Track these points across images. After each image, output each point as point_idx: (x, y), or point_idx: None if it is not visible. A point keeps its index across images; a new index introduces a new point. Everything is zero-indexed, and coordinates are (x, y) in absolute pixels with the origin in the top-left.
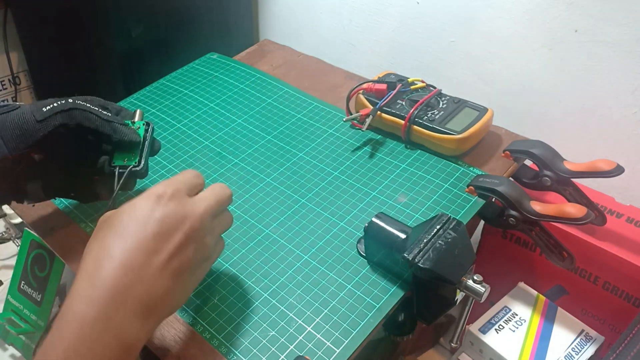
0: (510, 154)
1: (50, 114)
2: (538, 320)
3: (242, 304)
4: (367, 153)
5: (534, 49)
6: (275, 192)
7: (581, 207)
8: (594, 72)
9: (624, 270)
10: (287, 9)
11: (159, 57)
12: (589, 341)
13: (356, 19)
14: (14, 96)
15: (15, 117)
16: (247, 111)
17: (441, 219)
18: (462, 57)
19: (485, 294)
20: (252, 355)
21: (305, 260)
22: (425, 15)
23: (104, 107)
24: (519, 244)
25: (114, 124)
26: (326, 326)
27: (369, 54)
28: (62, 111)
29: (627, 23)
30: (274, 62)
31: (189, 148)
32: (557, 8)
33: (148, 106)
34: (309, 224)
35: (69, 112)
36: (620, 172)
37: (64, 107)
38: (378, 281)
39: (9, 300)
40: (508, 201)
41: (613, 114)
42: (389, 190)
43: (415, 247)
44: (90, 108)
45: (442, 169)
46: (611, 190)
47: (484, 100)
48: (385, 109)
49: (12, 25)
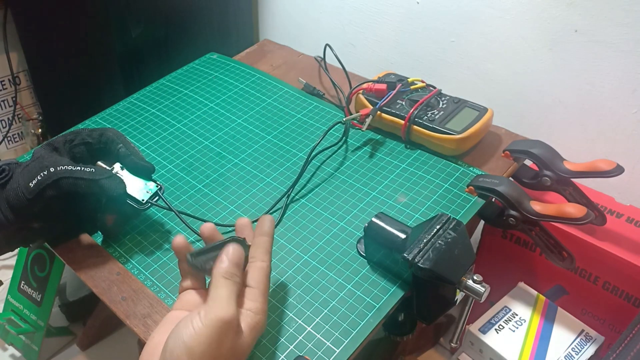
0: (510, 154)
1: (37, 189)
2: (538, 320)
3: None
4: (367, 153)
5: (534, 49)
6: (275, 192)
7: (581, 207)
8: (594, 72)
9: (624, 270)
10: (287, 9)
11: (159, 57)
12: (589, 341)
13: (356, 19)
14: (14, 96)
15: (8, 194)
16: (247, 111)
17: (441, 219)
18: (462, 57)
19: (485, 294)
20: (252, 355)
21: (305, 260)
22: (425, 15)
23: (90, 135)
24: (519, 244)
25: (100, 181)
26: (326, 326)
27: (369, 54)
28: (49, 185)
29: (627, 23)
30: (274, 62)
31: (189, 148)
32: (557, 8)
33: (148, 106)
34: (309, 224)
35: (56, 184)
36: (620, 172)
37: (49, 179)
38: (378, 281)
39: (9, 300)
40: (508, 201)
41: (613, 114)
42: (389, 190)
43: (415, 247)
44: (74, 172)
45: (442, 169)
46: (611, 190)
47: (484, 100)
48: (385, 109)
49: (12, 25)
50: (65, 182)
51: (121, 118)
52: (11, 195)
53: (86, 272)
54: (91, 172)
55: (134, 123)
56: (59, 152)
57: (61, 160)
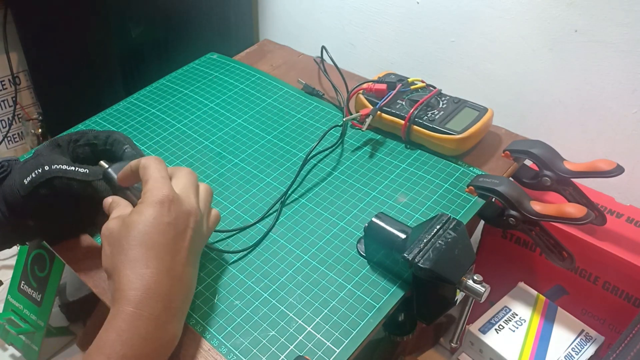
0: (510, 154)
1: (31, 187)
2: (538, 320)
3: (242, 304)
4: (367, 153)
5: (534, 49)
6: (275, 192)
7: (581, 207)
8: (594, 72)
9: (624, 270)
10: (287, 9)
11: (159, 57)
12: (589, 341)
13: (356, 19)
14: (14, 96)
15: (4, 190)
16: (247, 111)
17: (441, 219)
18: (462, 57)
19: (485, 294)
20: (252, 355)
21: (305, 260)
22: (425, 15)
23: (96, 137)
24: (519, 244)
25: (94, 183)
26: (326, 326)
27: (369, 54)
28: (42, 183)
29: (627, 23)
30: (274, 62)
31: (189, 148)
32: (557, 8)
33: (148, 106)
34: (308, 224)
35: (49, 183)
36: (620, 172)
37: (42, 177)
38: (378, 281)
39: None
40: (508, 201)
41: (613, 114)
42: (389, 190)
43: (415, 247)
44: (67, 172)
45: (442, 169)
46: (611, 190)
47: (484, 100)
48: (385, 109)
49: (12, 25)
50: (59, 182)
51: (121, 118)
52: (7, 192)
53: (86, 272)
54: (85, 173)
55: (134, 123)
56: (61, 150)
57: (58, 159)
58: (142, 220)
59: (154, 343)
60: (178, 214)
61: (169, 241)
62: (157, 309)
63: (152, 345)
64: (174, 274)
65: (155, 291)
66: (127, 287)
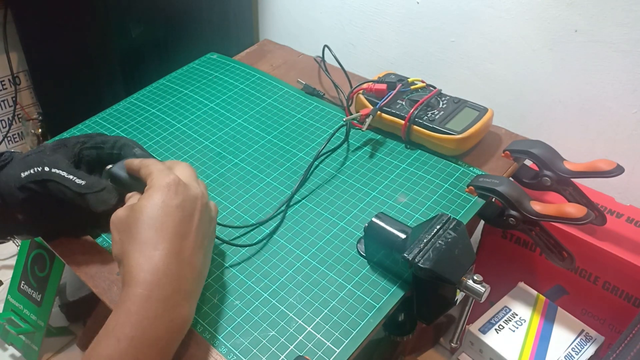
0: (510, 154)
1: (25, 182)
2: (538, 320)
3: (242, 304)
4: (367, 153)
5: (534, 49)
6: (275, 192)
7: (581, 207)
8: (594, 72)
9: (624, 270)
10: (287, 9)
11: (159, 57)
12: (589, 341)
13: (356, 19)
14: (14, 96)
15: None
16: (247, 111)
17: (441, 219)
18: (462, 57)
19: (485, 294)
20: (252, 355)
21: (305, 260)
22: (425, 15)
23: (104, 141)
24: (519, 244)
25: (86, 195)
26: (326, 326)
27: (369, 54)
28: (37, 181)
29: (627, 23)
30: (273, 62)
31: (189, 148)
32: (557, 8)
33: (148, 106)
34: (309, 224)
35: (43, 184)
36: (620, 172)
37: (39, 176)
38: (378, 281)
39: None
40: (508, 201)
41: (613, 114)
42: (389, 190)
43: (415, 247)
44: (64, 179)
45: (442, 169)
46: (611, 190)
47: (484, 100)
48: (385, 109)
49: (12, 25)
50: (53, 186)
51: (121, 118)
52: (3, 180)
53: (86, 272)
54: (80, 185)
55: (134, 123)
56: (67, 150)
57: (61, 162)
58: (150, 205)
59: (164, 325)
60: (185, 197)
61: (177, 224)
62: (166, 290)
63: (162, 327)
64: (183, 256)
65: (164, 273)
66: (137, 269)
